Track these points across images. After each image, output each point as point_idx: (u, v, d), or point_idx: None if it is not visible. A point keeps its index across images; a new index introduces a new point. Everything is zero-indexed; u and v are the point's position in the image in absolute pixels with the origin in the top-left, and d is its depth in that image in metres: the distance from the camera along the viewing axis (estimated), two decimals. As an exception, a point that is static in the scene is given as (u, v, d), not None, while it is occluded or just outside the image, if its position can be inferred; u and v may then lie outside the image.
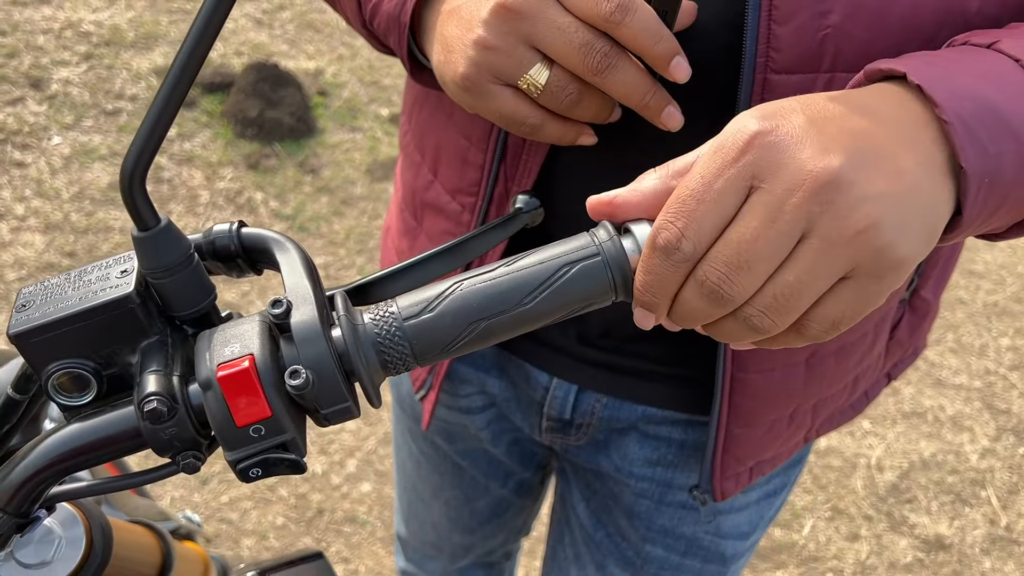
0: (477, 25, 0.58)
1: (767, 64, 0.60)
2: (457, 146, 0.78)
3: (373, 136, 3.16)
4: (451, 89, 0.62)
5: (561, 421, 0.93)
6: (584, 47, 0.55)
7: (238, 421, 0.42)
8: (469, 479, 1.13)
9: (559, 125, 0.62)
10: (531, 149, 0.72)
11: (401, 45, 0.67)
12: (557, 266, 0.45)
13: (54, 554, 0.60)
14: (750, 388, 0.79)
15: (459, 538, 1.22)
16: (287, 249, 0.48)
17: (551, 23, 0.55)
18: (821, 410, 0.89)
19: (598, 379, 0.89)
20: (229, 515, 2.04)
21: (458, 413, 1.02)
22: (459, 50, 0.59)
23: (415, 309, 0.45)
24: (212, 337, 0.44)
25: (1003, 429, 2.51)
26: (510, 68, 0.58)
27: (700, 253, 0.45)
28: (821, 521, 2.23)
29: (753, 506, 0.97)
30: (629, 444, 0.92)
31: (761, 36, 0.59)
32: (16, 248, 2.52)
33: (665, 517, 0.95)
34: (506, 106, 0.60)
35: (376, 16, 0.69)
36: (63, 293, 0.46)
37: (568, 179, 0.75)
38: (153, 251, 0.45)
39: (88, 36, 3.23)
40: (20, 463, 0.44)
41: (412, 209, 0.89)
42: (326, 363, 0.43)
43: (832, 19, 0.58)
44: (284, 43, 3.47)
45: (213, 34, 0.40)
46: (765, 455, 0.88)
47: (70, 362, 0.46)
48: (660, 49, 0.56)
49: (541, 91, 0.58)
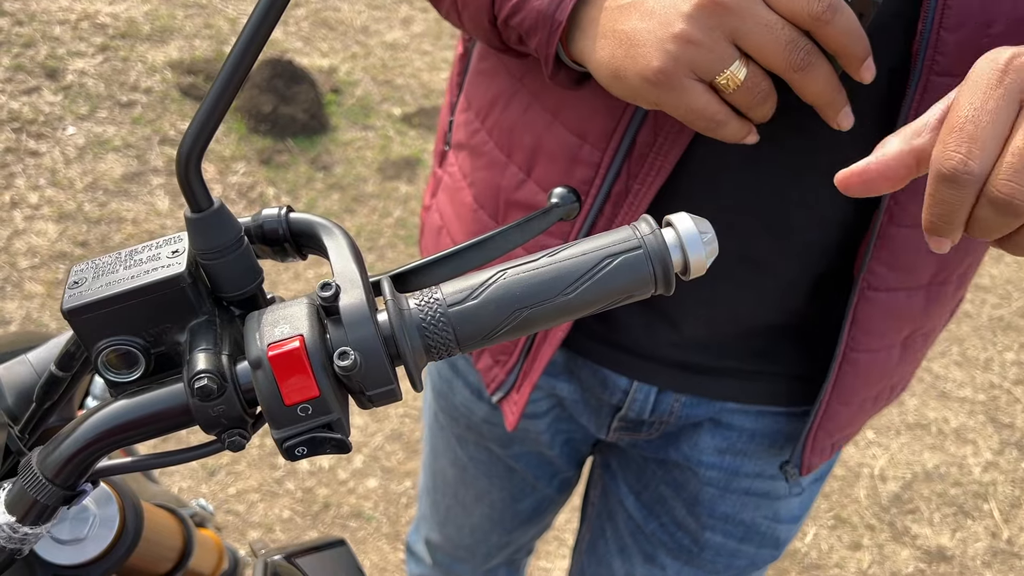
0: (677, 19, 0.58)
1: (932, 67, 0.63)
2: (566, 143, 0.77)
3: (385, 134, 3.17)
4: (632, 83, 0.62)
5: (636, 421, 0.94)
6: (790, 44, 0.57)
7: (286, 400, 0.43)
8: (519, 480, 1.13)
9: (740, 122, 0.62)
10: (662, 149, 0.72)
11: (551, 43, 0.66)
12: (599, 258, 0.46)
13: (88, 531, 0.61)
14: (858, 367, 0.82)
15: (497, 538, 1.23)
16: (335, 234, 0.49)
17: (759, 19, 0.56)
18: (895, 389, 0.93)
19: (680, 380, 0.90)
20: (236, 507, 2.05)
21: (523, 419, 1.02)
22: (651, 44, 0.59)
23: (459, 296, 0.46)
24: (262, 318, 0.45)
25: (1006, 443, 2.52)
26: (711, 63, 0.58)
27: (987, 171, 0.48)
28: (824, 529, 2.23)
29: (807, 490, 1.00)
30: (701, 434, 0.94)
31: (931, 41, 0.62)
32: (29, 236, 2.54)
33: (728, 504, 0.97)
34: (699, 101, 0.60)
35: (518, 14, 0.67)
36: (114, 271, 0.47)
37: (701, 179, 0.75)
38: (205, 232, 0.46)
39: (104, 28, 3.24)
40: (69, 437, 0.45)
41: (492, 209, 0.88)
42: (373, 346, 0.44)
43: (995, 29, 0.61)
44: (298, 40, 3.49)
45: (273, 21, 0.41)
46: (849, 430, 0.91)
47: (120, 339, 0.46)
48: (858, 50, 0.58)
49: (739, 87, 0.59)
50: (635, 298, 0.48)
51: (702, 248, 0.46)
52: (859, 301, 0.78)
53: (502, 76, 0.84)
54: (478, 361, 0.96)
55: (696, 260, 0.46)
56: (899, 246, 0.74)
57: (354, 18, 3.70)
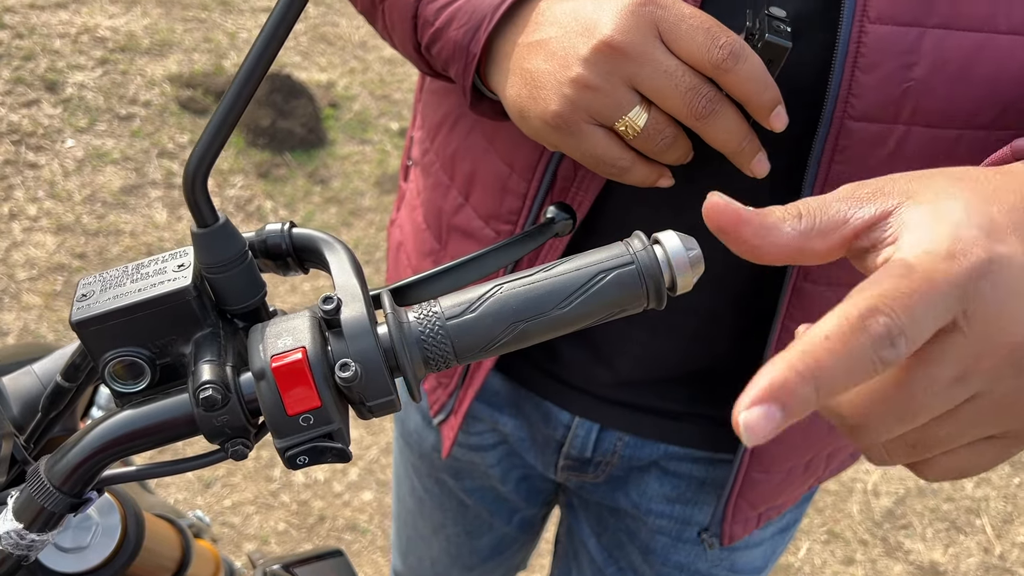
0: (576, 63, 0.56)
1: (846, 110, 0.60)
2: (497, 172, 0.76)
3: (383, 149, 3.19)
4: (534, 125, 0.61)
5: (580, 460, 0.91)
6: (691, 91, 0.55)
7: (289, 410, 0.44)
8: (473, 516, 1.10)
9: (646, 167, 0.61)
10: (583, 183, 0.70)
11: (467, 75, 0.64)
12: (593, 273, 0.47)
13: (91, 540, 0.62)
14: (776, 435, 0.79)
15: (458, 574, 1.20)
16: (336, 249, 0.51)
17: (658, 66, 0.54)
18: (834, 458, 0.89)
19: (623, 418, 0.87)
20: (231, 519, 2.05)
21: (468, 450, 1.00)
22: (551, 87, 0.57)
23: (458, 309, 0.47)
24: (265, 330, 0.46)
25: (999, 458, 2.53)
26: (609, 109, 0.56)
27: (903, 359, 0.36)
28: (817, 544, 2.24)
29: (768, 542, 0.97)
30: (649, 481, 0.91)
31: (844, 82, 0.59)
32: (28, 248, 2.55)
33: (681, 554, 0.94)
34: (598, 147, 0.58)
35: (437, 42, 0.66)
36: (122, 284, 0.48)
37: (617, 216, 0.73)
38: (211, 247, 0.47)
39: (104, 41, 3.26)
40: (77, 445, 0.47)
41: (436, 231, 0.86)
42: (374, 357, 0.45)
43: (917, 72, 0.57)
44: (297, 55, 3.51)
45: (281, 38, 0.42)
46: (776, 501, 0.87)
47: (127, 350, 0.48)
48: (765, 98, 0.56)
49: (638, 134, 0.57)
50: (628, 312, 0.49)
51: (688, 264, 0.48)
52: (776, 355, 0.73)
53: (449, 99, 0.81)
54: (424, 382, 0.94)
55: (683, 276, 0.48)
56: (815, 303, 0.70)
57: (352, 33, 3.73)
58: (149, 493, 1.19)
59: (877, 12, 0.57)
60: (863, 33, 0.57)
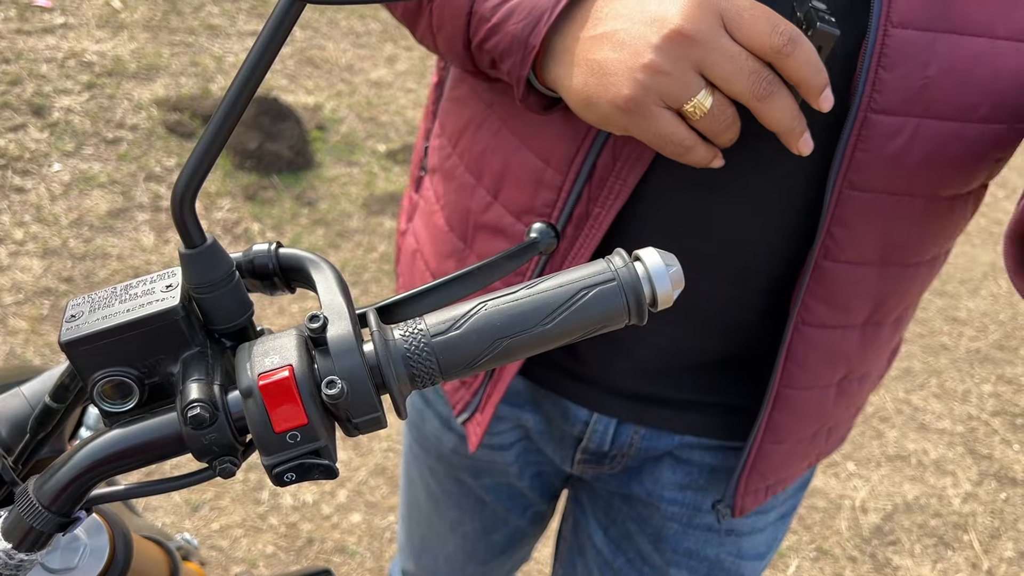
0: (647, 50, 0.61)
1: (869, 104, 0.66)
2: (531, 167, 0.80)
3: (370, 171, 3.20)
4: (604, 110, 0.65)
5: (598, 454, 0.95)
6: (753, 75, 0.60)
7: (276, 427, 0.45)
8: (490, 512, 1.14)
9: (706, 148, 0.66)
10: (621, 173, 0.75)
11: (524, 66, 0.68)
12: (575, 290, 0.48)
13: (79, 561, 0.62)
14: (791, 404, 0.83)
15: (472, 569, 1.24)
16: (322, 268, 0.52)
17: (724, 51, 0.60)
18: (833, 433, 0.94)
19: (638, 411, 0.91)
20: (220, 542, 2.04)
21: (490, 450, 1.04)
22: (622, 73, 0.62)
23: (443, 327, 0.48)
24: (252, 349, 0.47)
25: (985, 474, 2.54)
26: (679, 92, 0.61)
27: None
28: (806, 561, 2.25)
29: (770, 527, 1.01)
30: (663, 470, 0.95)
31: (869, 78, 0.65)
32: (14, 272, 2.54)
33: (691, 540, 0.98)
34: (668, 127, 0.63)
35: (492, 37, 0.70)
36: (110, 305, 0.49)
37: (657, 203, 0.77)
38: (198, 268, 0.48)
39: (91, 66, 3.27)
40: (66, 464, 0.47)
41: (461, 231, 0.90)
42: (360, 375, 0.46)
43: (930, 71, 0.65)
44: (284, 78, 3.52)
45: (268, 61, 0.43)
46: (783, 474, 0.91)
47: (115, 370, 0.48)
48: (818, 81, 0.61)
49: (705, 115, 0.62)
50: (610, 327, 0.50)
51: (668, 281, 0.49)
52: (794, 336, 0.79)
53: (474, 103, 0.86)
54: (446, 384, 0.97)
55: (663, 292, 0.49)
56: (833, 282, 0.76)
57: (339, 56, 3.75)
58: (137, 516, 1.19)
59: (899, 17, 0.64)
60: (887, 36, 0.64)
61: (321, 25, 3.91)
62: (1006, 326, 3.12)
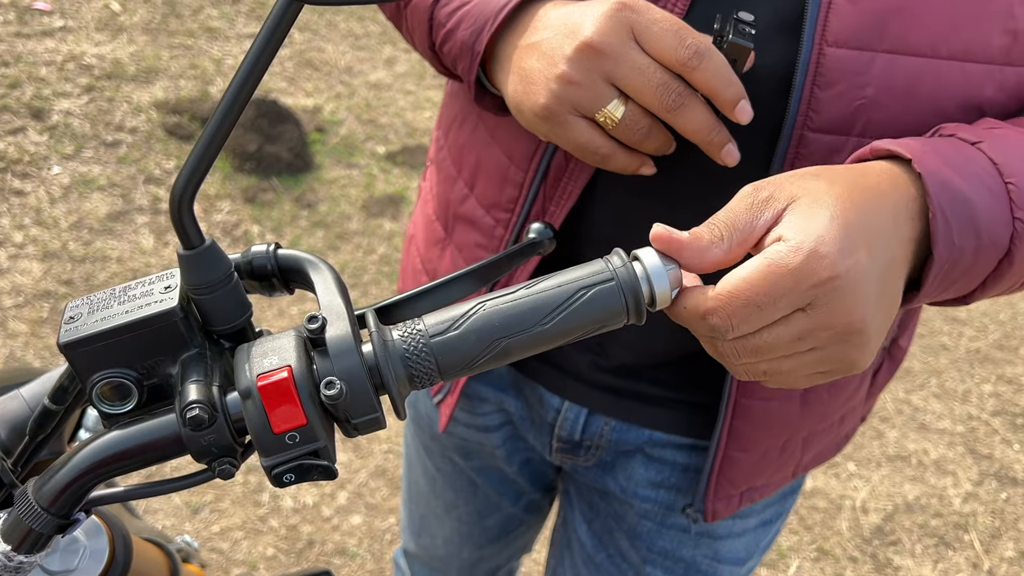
0: (561, 61, 0.63)
1: (805, 123, 0.66)
2: (498, 164, 0.83)
3: (369, 173, 3.20)
4: (527, 117, 0.67)
5: (571, 442, 0.96)
6: (661, 87, 0.61)
7: (275, 428, 0.45)
8: (483, 496, 1.16)
9: (627, 155, 0.67)
10: (573, 174, 0.77)
11: (471, 71, 0.72)
12: (574, 289, 0.48)
13: (78, 563, 0.62)
14: (750, 414, 0.83)
15: (468, 554, 1.25)
16: (321, 269, 0.52)
17: (632, 63, 0.61)
18: (810, 445, 0.92)
19: (607, 403, 0.92)
20: (220, 545, 2.04)
21: (476, 431, 1.05)
22: (540, 82, 0.65)
23: (441, 327, 0.48)
24: (251, 350, 0.47)
25: (985, 474, 2.54)
26: (590, 102, 0.63)
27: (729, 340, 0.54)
28: (807, 562, 2.24)
29: (750, 533, 1.00)
30: (635, 466, 0.96)
31: (804, 97, 0.65)
32: (14, 275, 2.54)
33: (666, 539, 0.98)
34: (582, 136, 0.65)
35: (448, 42, 0.74)
36: (109, 307, 0.49)
37: (604, 205, 0.79)
38: (197, 269, 0.48)
39: (90, 69, 3.27)
40: (65, 466, 0.47)
41: (443, 221, 0.93)
42: (358, 375, 0.46)
43: (868, 91, 0.64)
44: (283, 80, 3.52)
45: (266, 63, 0.43)
46: (756, 482, 0.91)
47: (114, 371, 0.48)
48: (729, 93, 0.62)
49: (616, 124, 0.64)
50: (609, 327, 0.50)
51: (666, 280, 0.49)
52: None
53: (460, 99, 0.90)
54: None
55: (661, 292, 0.49)
56: None
57: (338, 59, 3.75)
58: (137, 518, 1.19)
59: (835, 36, 0.64)
60: (822, 55, 0.64)
61: (320, 27, 3.91)
62: (1006, 326, 3.12)
